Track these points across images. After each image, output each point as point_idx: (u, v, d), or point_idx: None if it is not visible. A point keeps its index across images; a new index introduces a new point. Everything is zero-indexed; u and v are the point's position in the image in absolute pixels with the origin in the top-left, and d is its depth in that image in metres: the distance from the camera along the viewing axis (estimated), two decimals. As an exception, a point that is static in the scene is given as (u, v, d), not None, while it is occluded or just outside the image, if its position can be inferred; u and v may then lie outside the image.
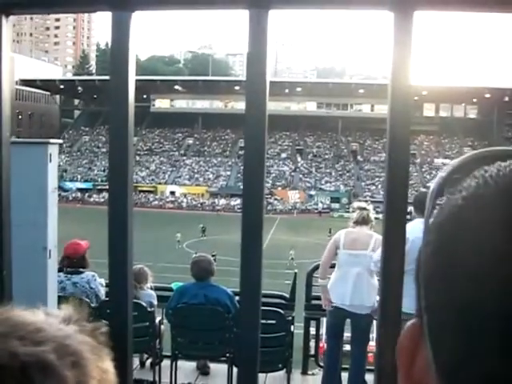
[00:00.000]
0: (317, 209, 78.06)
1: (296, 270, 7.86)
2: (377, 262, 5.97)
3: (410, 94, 1.50)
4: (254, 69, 1.77)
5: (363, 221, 6.38)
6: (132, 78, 1.66)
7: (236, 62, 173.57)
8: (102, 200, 75.29)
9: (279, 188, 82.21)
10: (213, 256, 9.03)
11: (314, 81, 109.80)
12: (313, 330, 7.33)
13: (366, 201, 10.17)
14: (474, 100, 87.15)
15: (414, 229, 5.92)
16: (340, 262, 6.40)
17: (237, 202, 77.12)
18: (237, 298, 5.96)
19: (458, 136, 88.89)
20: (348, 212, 73.18)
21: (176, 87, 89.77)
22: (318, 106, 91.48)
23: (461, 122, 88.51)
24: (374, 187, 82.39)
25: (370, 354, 6.58)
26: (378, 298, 6.50)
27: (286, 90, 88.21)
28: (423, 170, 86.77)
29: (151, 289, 6.75)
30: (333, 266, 6.47)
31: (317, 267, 6.77)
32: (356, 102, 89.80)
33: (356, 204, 6.91)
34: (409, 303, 3.18)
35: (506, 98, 79.16)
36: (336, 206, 77.64)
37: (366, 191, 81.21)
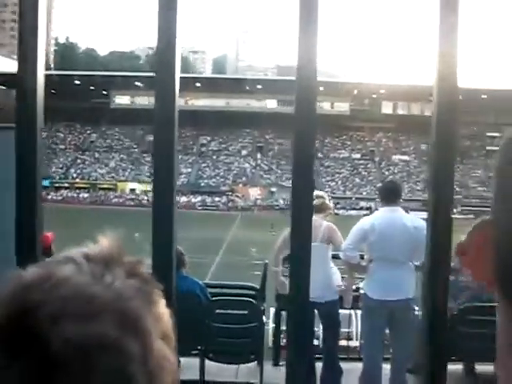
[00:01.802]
0: (278, 205, 78.22)
1: (266, 261, 7.83)
2: (345, 250, 6.00)
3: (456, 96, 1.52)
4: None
5: (317, 209, 6.30)
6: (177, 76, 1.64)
7: (197, 59, 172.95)
8: (60, 198, 74.34)
9: (240, 185, 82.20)
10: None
11: (274, 78, 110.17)
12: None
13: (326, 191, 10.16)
14: (431, 98, 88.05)
15: (381, 217, 6.01)
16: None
17: (198, 199, 76.99)
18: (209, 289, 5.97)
19: (415, 133, 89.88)
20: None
21: (136, 83, 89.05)
22: (279, 103, 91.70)
23: (418, 119, 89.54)
24: (333, 183, 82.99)
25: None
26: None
27: (247, 88, 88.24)
28: (381, 166, 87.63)
29: None
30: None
31: (286, 258, 6.77)
32: (319, 99, 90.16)
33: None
34: (378, 290, 3.23)
35: (460, 97, 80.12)
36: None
37: (326, 187, 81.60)
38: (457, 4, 1.72)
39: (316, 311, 6.26)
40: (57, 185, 78.87)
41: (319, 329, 6.98)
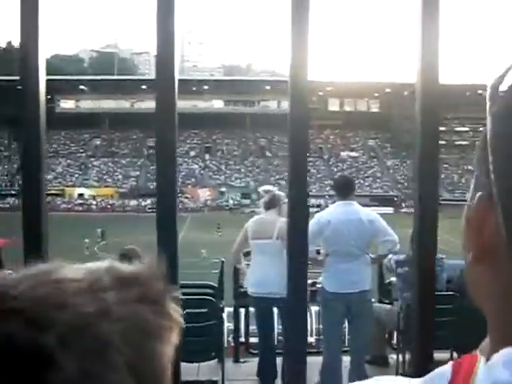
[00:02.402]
0: (228, 205, 78.27)
1: (223, 259, 7.83)
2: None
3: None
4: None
5: (271, 203, 6.32)
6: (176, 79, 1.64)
7: (141, 61, 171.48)
8: (7, 206, 72.80)
9: (189, 186, 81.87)
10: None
11: (220, 78, 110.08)
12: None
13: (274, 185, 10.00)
14: (376, 94, 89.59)
15: (336, 211, 6.08)
16: (252, 251, 6.45)
17: (147, 202, 76.31)
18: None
19: (362, 129, 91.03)
20: (259, 207, 73.71)
21: (81, 87, 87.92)
22: (226, 103, 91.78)
23: (364, 115, 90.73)
24: (283, 182, 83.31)
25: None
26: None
27: (194, 88, 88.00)
28: (330, 163, 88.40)
29: None
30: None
31: (245, 254, 6.79)
32: (263, 98, 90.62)
33: (261, 188, 6.90)
34: (334, 283, 3.31)
35: (406, 93, 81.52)
36: (247, 201, 77.96)
37: (275, 186, 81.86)
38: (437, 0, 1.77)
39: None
40: (3, 192, 77.27)
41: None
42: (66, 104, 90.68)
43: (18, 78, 1.89)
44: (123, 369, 0.62)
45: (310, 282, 6.77)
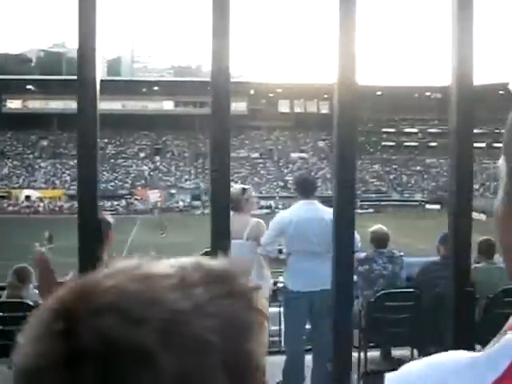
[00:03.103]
0: (178, 207, 77.84)
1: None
2: (265, 245, 6.05)
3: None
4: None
5: (240, 205, 6.28)
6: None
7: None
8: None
9: (139, 188, 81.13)
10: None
11: (170, 79, 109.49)
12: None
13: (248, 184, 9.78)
14: (326, 96, 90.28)
15: (298, 210, 6.10)
16: None
17: (96, 203, 75.13)
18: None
19: (312, 130, 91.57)
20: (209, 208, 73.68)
21: (28, 87, 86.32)
22: (176, 104, 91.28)
23: (314, 117, 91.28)
24: (233, 183, 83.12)
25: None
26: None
27: (144, 89, 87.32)
28: (280, 164, 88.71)
29: (35, 288, 6.47)
30: None
31: (203, 255, 6.73)
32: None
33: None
34: (297, 282, 3.33)
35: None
36: (197, 203, 77.70)
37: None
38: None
39: None
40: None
41: None
42: (13, 104, 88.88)
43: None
44: (220, 368, 0.61)
45: (271, 281, 6.76)
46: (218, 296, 0.64)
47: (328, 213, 6.09)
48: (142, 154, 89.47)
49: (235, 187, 6.60)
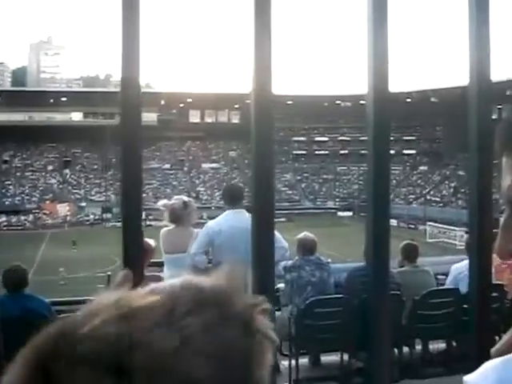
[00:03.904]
0: (88, 220, 76.35)
1: (109, 273, 7.58)
2: (194, 255, 5.96)
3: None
4: None
5: (176, 215, 6.26)
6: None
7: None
8: None
9: (48, 202, 79.06)
10: None
11: (79, 90, 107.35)
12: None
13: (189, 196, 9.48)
14: (237, 106, 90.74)
15: (226, 220, 6.05)
16: (165, 264, 6.32)
17: (2, 218, 72.86)
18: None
19: (223, 140, 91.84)
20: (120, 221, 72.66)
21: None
22: (85, 115, 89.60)
23: (225, 126, 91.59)
24: (145, 195, 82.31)
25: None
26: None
27: (51, 100, 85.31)
28: (191, 175, 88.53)
29: None
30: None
31: (159, 265, 6.63)
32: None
33: (160, 204, 6.72)
34: None
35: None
36: (108, 216, 76.47)
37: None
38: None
39: None
40: None
41: None
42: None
43: None
44: None
45: None
46: (210, 324, 0.60)
47: (256, 221, 6.08)
48: (50, 167, 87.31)
49: (176, 201, 6.50)
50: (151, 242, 5.80)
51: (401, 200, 76.58)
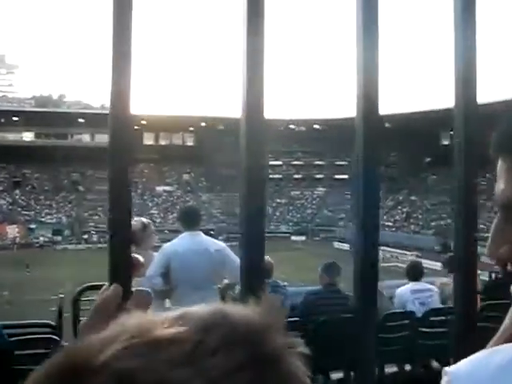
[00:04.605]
0: (38, 242, 75.04)
1: (61, 295, 7.39)
2: (150, 277, 5.86)
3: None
4: None
5: (137, 240, 6.17)
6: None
7: None
8: None
9: (-4, 223, 77.57)
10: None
11: (31, 109, 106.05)
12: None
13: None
14: (191, 128, 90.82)
15: (183, 242, 5.98)
16: None
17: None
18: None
19: (178, 163, 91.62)
20: (72, 244, 72.03)
21: None
22: (36, 135, 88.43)
23: (179, 149, 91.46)
24: (97, 217, 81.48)
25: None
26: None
27: (2, 120, 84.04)
28: (145, 197, 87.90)
29: None
30: None
31: (85, 289, 6.47)
32: (76, 131, 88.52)
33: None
34: None
35: (221, 127, 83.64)
36: (58, 238, 75.38)
37: (89, 221, 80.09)
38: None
39: None
40: None
41: None
42: None
43: None
44: None
45: None
46: (238, 366, 0.54)
47: (213, 244, 6.02)
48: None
49: (135, 222, 6.39)
50: (139, 257, 5.56)
51: (353, 225, 77.12)
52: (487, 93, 57.90)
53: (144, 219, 6.56)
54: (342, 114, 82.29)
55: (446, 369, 0.84)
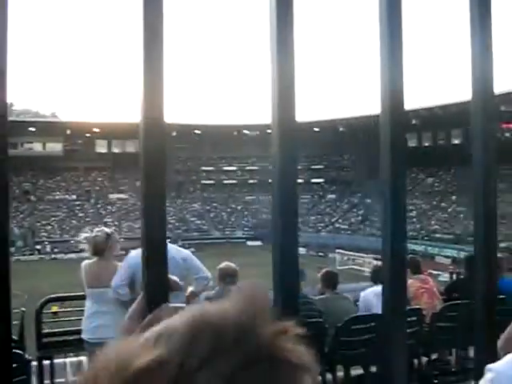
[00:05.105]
0: (-11, 255, 73.51)
1: (23, 308, 7.24)
2: (116, 288, 5.79)
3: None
4: None
5: (100, 250, 6.13)
6: None
7: None
8: None
9: None
10: None
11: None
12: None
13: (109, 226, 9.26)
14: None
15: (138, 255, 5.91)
16: (87, 297, 6.12)
17: None
18: None
19: (131, 170, 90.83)
20: (25, 255, 70.49)
21: None
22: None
23: (133, 157, 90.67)
24: (50, 227, 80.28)
25: None
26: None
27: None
28: (98, 206, 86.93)
29: None
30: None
31: (46, 302, 6.37)
32: (27, 140, 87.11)
33: (82, 237, 6.56)
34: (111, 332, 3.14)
35: (174, 133, 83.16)
36: (12, 249, 73.75)
37: (42, 231, 78.82)
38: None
39: None
40: None
41: None
42: None
43: None
44: None
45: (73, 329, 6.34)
46: (229, 373, 0.53)
47: (179, 252, 5.97)
48: None
49: (98, 232, 6.32)
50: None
51: (310, 228, 77.59)
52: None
53: (107, 229, 6.49)
54: (297, 119, 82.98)
55: (490, 366, 0.88)
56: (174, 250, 6.03)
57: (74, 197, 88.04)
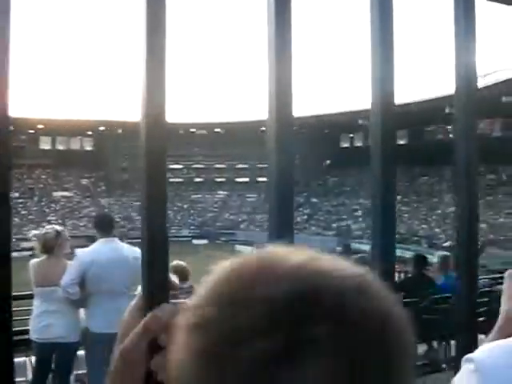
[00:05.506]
0: None
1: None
2: (66, 287, 5.74)
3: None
4: None
5: (50, 248, 6.06)
6: None
7: None
8: None
9: None
10: None
11: None
12: None
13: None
14: (90, 133, 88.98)
15: (99, 249, 5.89)
16: (35, 296, 6.03)
17: None
18: None
19: (75, 168, 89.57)
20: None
21: None
22: None
23: (78, 154, 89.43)
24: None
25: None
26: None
27: None
28: (42, 204, 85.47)
29: None
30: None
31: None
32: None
33: (32, 234, 6.49)
34: (101, 323, 3.27)
35: (120, 131, 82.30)
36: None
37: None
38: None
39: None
40: None
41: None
42: None
43: None
44: None
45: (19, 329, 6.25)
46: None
47: (131, 251, 5.94)
48: None
49: (49, 230, 6.24)
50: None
51: (257, 227, 77.81)
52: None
53: (57, 227, 6.44)
54: (243, 117, 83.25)
55: (470, 356, 0.79)
56: (126, 248, 6.02)
57: (17, 194, 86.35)
